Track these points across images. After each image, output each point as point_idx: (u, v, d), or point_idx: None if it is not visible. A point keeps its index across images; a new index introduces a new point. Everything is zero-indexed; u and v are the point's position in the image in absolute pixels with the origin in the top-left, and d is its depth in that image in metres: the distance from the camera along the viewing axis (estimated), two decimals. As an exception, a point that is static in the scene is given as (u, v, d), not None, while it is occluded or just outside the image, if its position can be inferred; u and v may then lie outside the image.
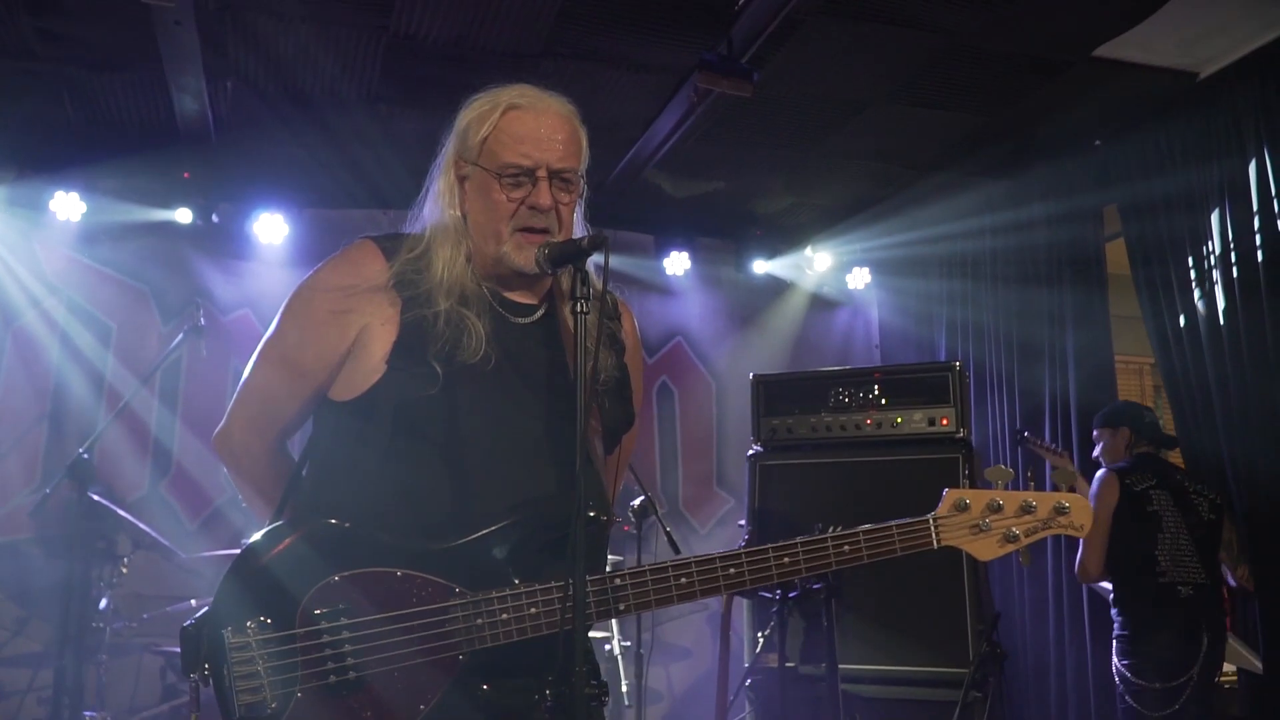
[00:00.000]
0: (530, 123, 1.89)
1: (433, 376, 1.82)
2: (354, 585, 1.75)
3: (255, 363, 1.98)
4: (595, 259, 1.83)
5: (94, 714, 4.34)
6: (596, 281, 1.86)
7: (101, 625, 4.39)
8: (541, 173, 1.88)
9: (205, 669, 1.74)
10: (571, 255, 1.80)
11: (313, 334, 1.92)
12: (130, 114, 5.23)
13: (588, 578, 1.74)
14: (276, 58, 4.65)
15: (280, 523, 1.83)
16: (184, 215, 5.82)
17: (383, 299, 1.88)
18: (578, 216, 2.00)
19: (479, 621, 1.75)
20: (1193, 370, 4.84)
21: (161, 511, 5.61)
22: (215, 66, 4.66)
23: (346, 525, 1.79)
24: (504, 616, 1.75)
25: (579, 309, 1.73)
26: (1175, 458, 5.17)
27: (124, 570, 4.53)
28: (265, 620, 1.73)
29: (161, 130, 5.30)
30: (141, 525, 4.60)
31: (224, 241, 6.02)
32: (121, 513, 4.51)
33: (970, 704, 4.10)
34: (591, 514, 1.77)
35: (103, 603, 4.41)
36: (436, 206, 1.98)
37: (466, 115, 1.95)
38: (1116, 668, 4.28)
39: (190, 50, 4.37)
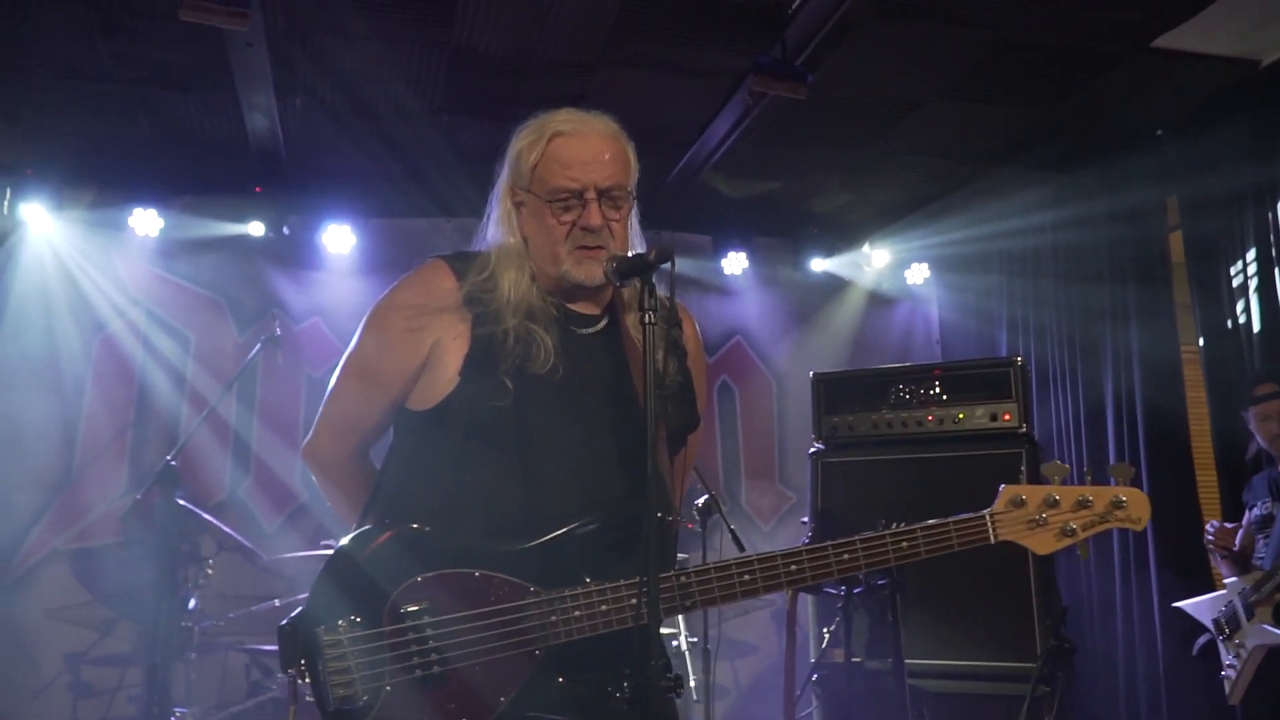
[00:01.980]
0: (575, 148, 1.97)
1: (503, 388, 1.92)
2: (436, 585, 1.85)
3: (338, 377, 2.09)
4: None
5: (183, 710, 4.53)
6: (660, 292, 1.93)
7: (189, 625, 4.57)
8: (590, 194, 1.96)
9: (302, 665, 1.85)
10: (639, 269, 1.88)
11: (389, 349, 2.02)
12: (203, 132, 5.43)
13: (659, 575, 1.82)
14: (343, 74, 4.80)
15: (367, 527, 1.94)
16: (256, 228, 6.03)
17: (454, 316, 1.98)
18: (634, 224, 2.09)
19: (553, 618, 1.83)
20: (1243, 365, 4.79)
21: (242, 515, 5.82)
22: (285, 84, 4.83)
23: (428, 529, 1.89)
24: (577, 614, 1.84)
25: (646, 320, 1.81)
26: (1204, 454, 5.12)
27: (209, 572, 4.71)
28: (355, 619, 1.83)
29: (233, 146, 5.51)
30: (225, 528, 4.78)
31: (294, 252, 6.22)
32: (206, 516, 4.69)
33: (1038, 699, 4.09)
34: (658, 515, 1.84)
35: (191, 603, 4.59)
36: (498, 231, 2.08)
37: (517, 144, 2.04)
38: None
39: (261, 70, 4.54)
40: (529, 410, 1.93)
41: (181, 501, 4.50)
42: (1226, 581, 4.23)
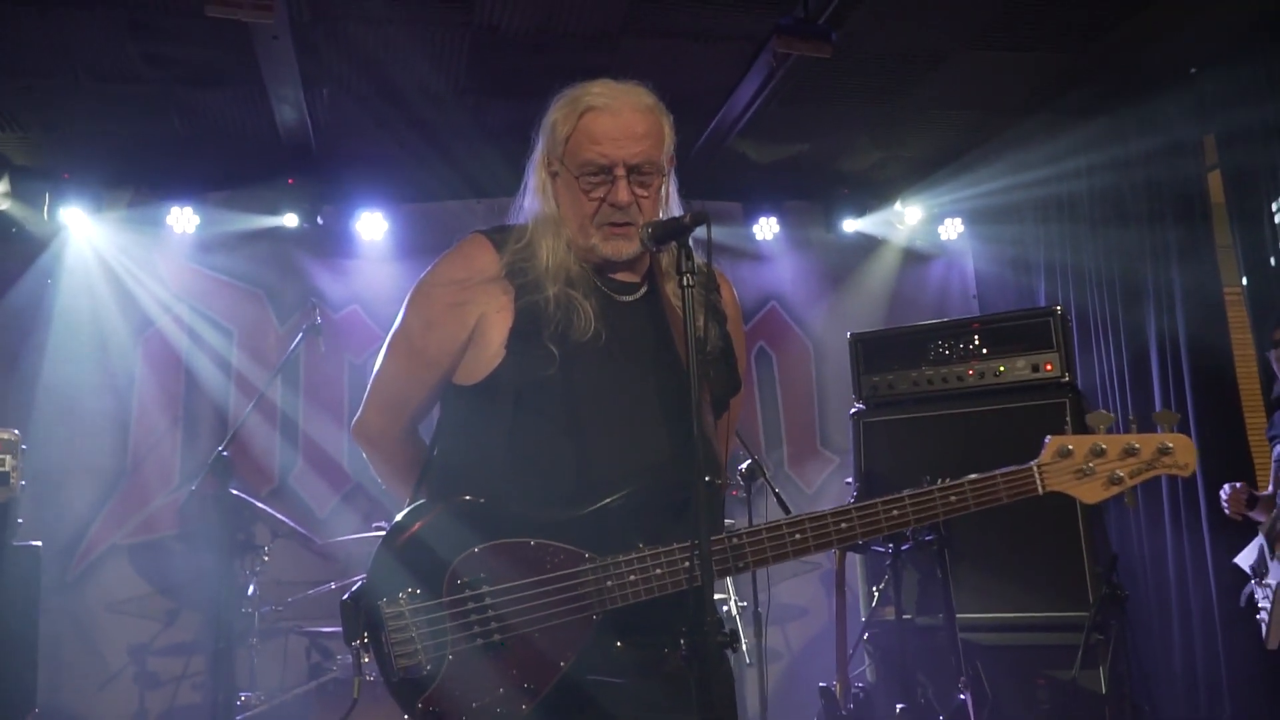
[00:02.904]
0: (606, 123, 1.98)
1: (549, 357, 1.95)
2: (493, 555, 1.88)
3: (385, 355, 2.13)
4: (696, 233, 1.92)
5: (248, 694, 4.64)
6: (698, 255, 1.95)
7: (250, 611, 4.68)
8: (619, 170, 1.97)
9: (364, 638, 1.89)
10: (674, 233, 1.89)
11: (435, 326, 2.05)
12: (234, 126, 5.49)
13: (710, 537, 1.85)
14: (367, 60, 4.83)
15: (422, 501, 1.98)
16: (290, 219, 6.10)
17: (496, 289, 2.01)
18: (673, 193, 2.09)
19: (609, 584, 1.87)
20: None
21: (293, 501, 5.93)
22: (311, 74, 4.87)
23: (482, 500, 1.93)
24: (632, 578, 1.87)
25: (685, 283, 1.83)
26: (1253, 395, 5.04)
27: (265, 559, 4.81)
28: (415, 591, 1.87)
29: (264, 139, 5.56)
30: (279, 515, 4.87)
31: (329, 241, 6.29)
32: (260, 505, 4.78)
33: (1093, 647, 4.10)
34: (707, 479, 1.86)
35: (250, 589, 4.70)
36: (535, 200, 2.09)
37: (552, 114, 2.05)
38: None
39: (287, 61, 4.58)
40: (575, 378, 1.96)
41: (235, 491, 4.60)
42: (1261, 525, 4.19)
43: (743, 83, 5.08)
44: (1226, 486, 4.39)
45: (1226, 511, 4.37)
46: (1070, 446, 2.00)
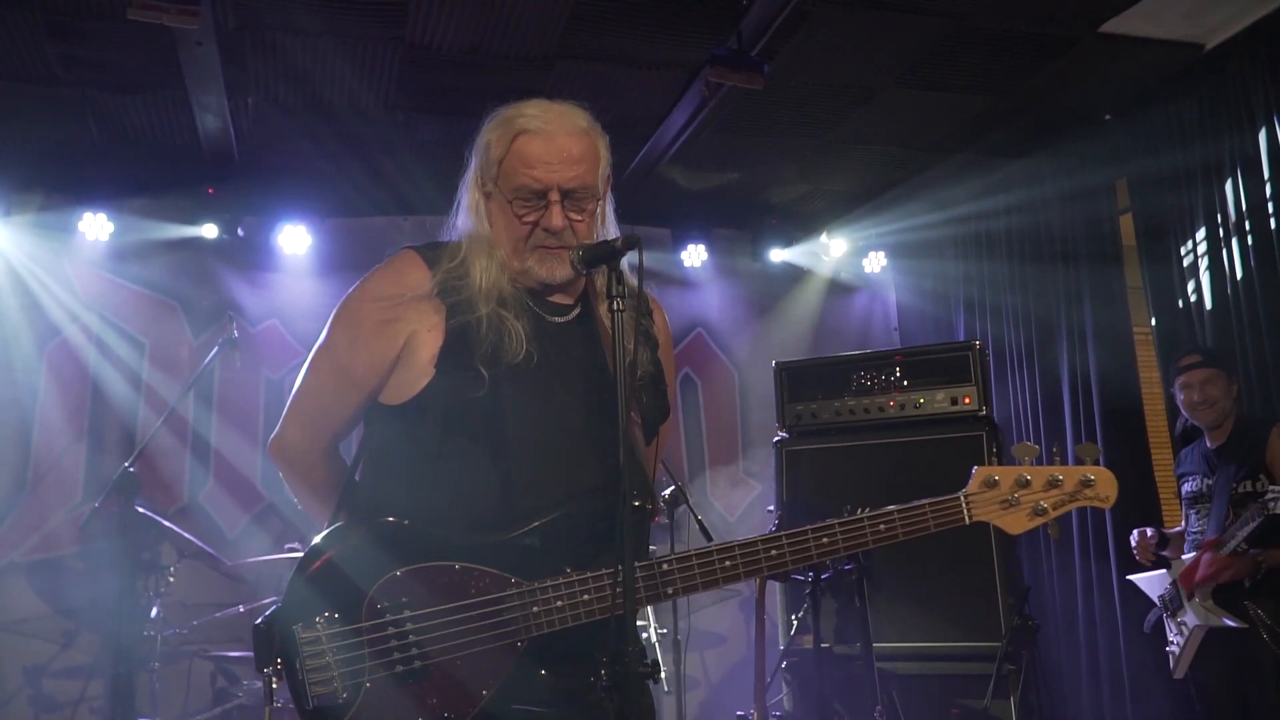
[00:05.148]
0: (539, 147, 1.95)
1: (479, 378, 1.91)
2: (415, 579, 1.83)
3: (307, 371, 2.07)
4: (628, 258, 1.90)
5: (149, 720, 4.47)
6: (630, 279, 1.93)
7: (152, 634, 4.51)
8: (553, 195, 1.95)
9: (278, 664, 1.82)
10: (605, 256, 1.88)
11: (362, 343, 2.00)
12: (153, 133, 5.34)
13: (637, 563, 1.83)
14: (295, 72, 4.74)
15: (342, 523, 1.92)
16: (210, 230, 5.95)
17: (428, 307, 1.97)
18: (609, 214, 2.08)
19: (535, 609, 1.83)
20: (1198, 341, 4.88)
21: (202, 520, 5.74)
22: (236, 83, 4.76)
23: (405, 522, 1.87)
24: (559, 604, 1.83)
25: (614, 307, 1.81)
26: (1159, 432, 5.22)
27: (171, 579, 4.64)
28: (333, 615, 1.81)
29: (185, 148, 5.42)
30: (186, 535, 4.71)
31: (249, 254, 6.14)
32: (166, 523, 4.62)
33: (1004, 676, 4.17)
34: (637, 503, 1.84)
35: (153, 611, 4.53)
36: (468, 219, 2.06)
37: (486, 134, 2.02)
38: None
39: (211, 69, 4.48)
40: (505, 400, 1.92)
41: (141, 509, 4.44)
42: (1172, 561, 4.31)
43: (675, 110, 5.11)
44: (1135, 534, 4.50)
45: (1136, 557, 4.48)
46: (996, 477, 2.02)
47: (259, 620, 1.85)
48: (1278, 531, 3.96)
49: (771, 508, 5.11)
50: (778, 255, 6.99)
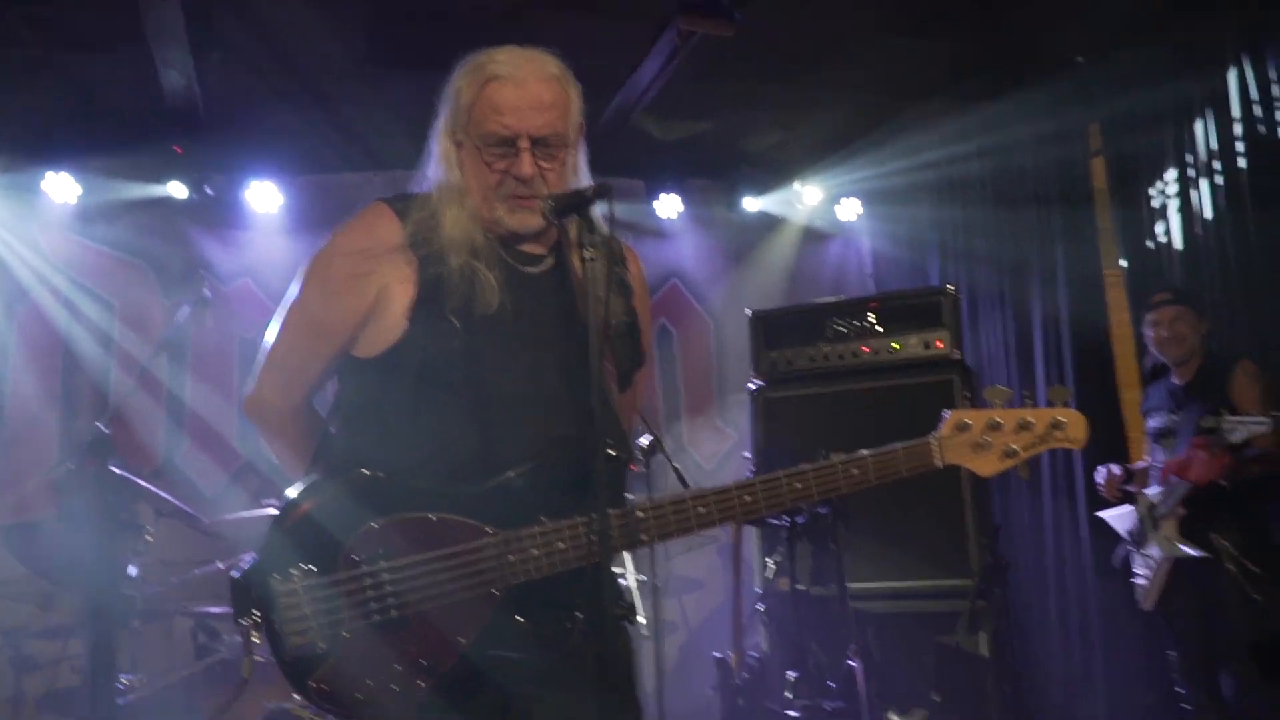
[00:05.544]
0: (510, 94, 1.93)
1: (452, 330, 1.91)
2: (391, 530, 1.85)
3: (279, 327, 2.06)
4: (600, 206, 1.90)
5: (130, 678, 4.48)
6: (603, 228, 1.93)
7: (132, 593, 4.51)
8: (523, 143, 1.94)
9: (255, 615, 1.84)
10: (575, 205, 1.87)
11: (334, 297, 1.99)
12: (118, 92, 5.26)
13: (611, 511, 1.85)
14: (262, 26, 4.67)
15: (318, 476, 1.93)
16: (178, 189, 5.86)
17: (399, 259, 1.96)
18: (581, 165, 2.07)
19: (511, 559, 1.85)
20: (1168, 282, 4.93)
21: (179, 480, 5.73)
22: (201, 40, 4.67)
23: (380, 475, 1.88)
24: (534, 553, 1.85)
25: (585, 256, 1.81)
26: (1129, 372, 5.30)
27: (149, 539, 4.63)
28: (309, 567, 1.83)
29: (150, 106, 5.33)
30: (163, 494, 4.70)
31: (219, 213, 6.07)
32: (142, 483, 4.60)
33: (977, 613, 4.26)
34: (612, 452, 1.85)
35: (132, 571, 4.53)
36: (439, 169, 2.04)
37: (456, 81, 2.00)
38: None
39: (175, 25, 4.40)
40: (479, 351, 1.93)
41: (116, 469, 4.42)
42: (1138, 495, 4.39)
43: (647, 59, 5.07)
44: (1101, 470, 4.58)
45: (1103, 494, 4.56)
46: (968, 421, 2.05)
47: (235, 573, 1.87)
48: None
49: (748, 455, 5.15)
50: (752, 204, 6.98)
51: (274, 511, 1.91)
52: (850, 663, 4.10)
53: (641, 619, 4.95)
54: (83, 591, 5.16)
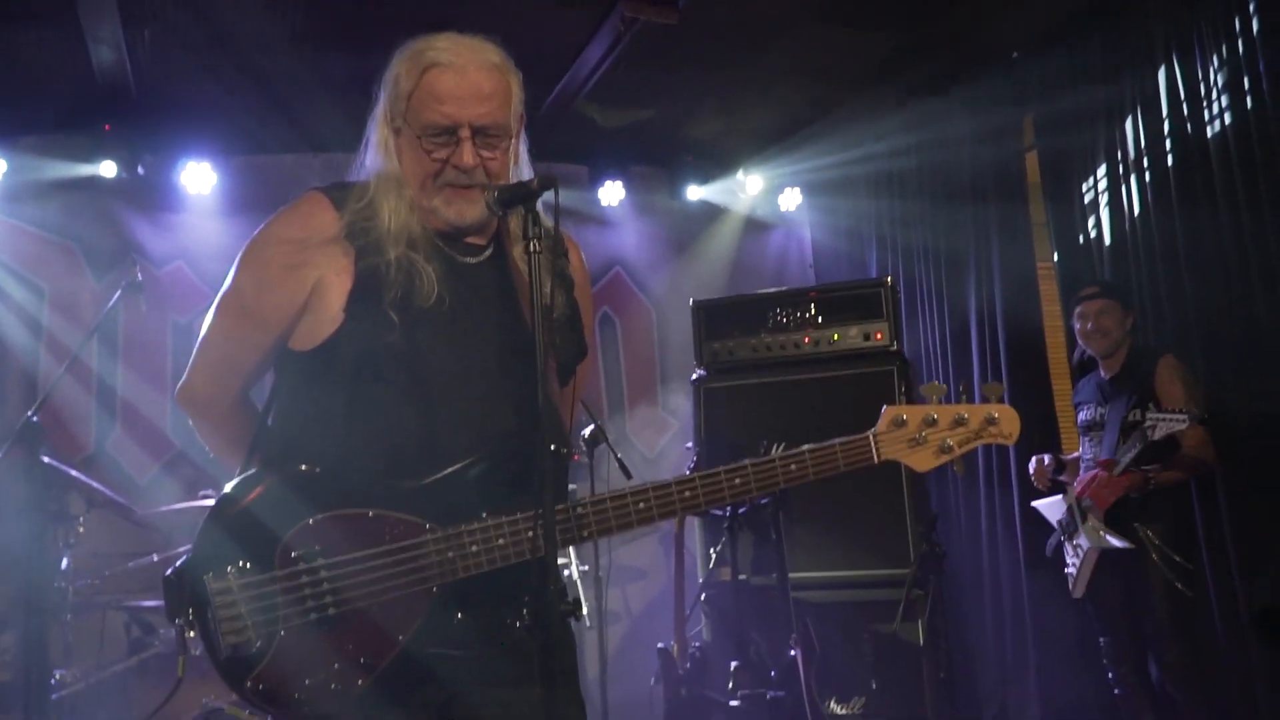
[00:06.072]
0: (449, 82, 1.91)
1: (390, 324, 1.89)
2: (328, 527, 1.83)
3: (213, 317, 2.02)
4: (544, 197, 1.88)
5: (63, 672, 4.39)
6: (546, 220, 1.92)
7: (63, 585, 4.41)
8: (464, 132, 1.91)
9: (190, 614, 1.81)
10: (521, 197, 1.85)
11: (268, 288, 1.96)
12: (45, 67, 5.08)
13: (554, 506, 1.85)
14: (196, 1, 4.55)
15: (254, 471, 1.90)
16: (108, 169, 5.70)
17: (335, 250, 1.93)
18: (523, 154, 2.05)
19: (450, 555, 1.83)
20: (1098, 276, 5.04)
21: (111, 469, 5.60)
22: (132, 14, 4.55)
23: (317, 470, 1.86)
24: (474, 549, 1.84)
25: (532, 249, 1.80)
26: (1060, 364, 5.43)
27: (80, 530, 4.53)
28: (245, 565, 1.80)
29: (79, 83, 5.17)
30: (94, 484, 4.60)
31: (152, 194, 5.91)
32: (73, 473, 4.50)
33: (913, 601, 4.33)
34: (553, 446, 1.85)
35: (63, 563, 4.43)
36: (377, 157, 2.01)
37: (395, 68, 1.97)
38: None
39: (106, -1, 4.27)
40: (417, 344, 1.91)
41: (46, 459, 4.31)
42: (1068, 486, 4.50)
43: (590, 45, 5.04)
44: (1033, 461, 4.68)
45: (1035, 484, 4.66)
46: (904, 416, 2.08)
47: (169, 571, 1.83)
48: (1169, 454, 4.15)
49: (690, 444, 5.18)
50: (695, 193, 6.99)
51: (208, 503, 1.88)
52: (791, 652, 4.15)
53: (584, 610, 4.97)
54: (13, 584, 5.04)
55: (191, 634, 1.81)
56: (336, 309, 1.91)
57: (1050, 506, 4.62)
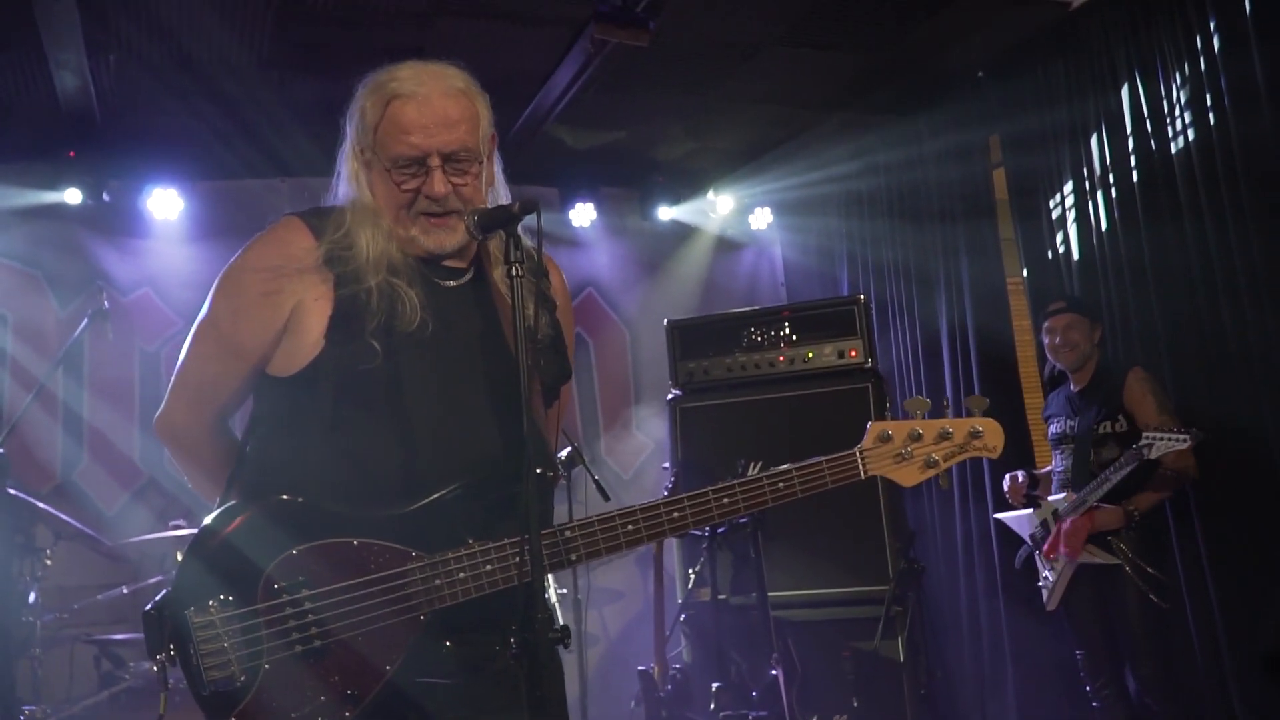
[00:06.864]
0: (414, 112, 1.89)
1: (371, 351, 1.87)
2: (312, 557, 1.80)
3: (191, 345, 1.99)
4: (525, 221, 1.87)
5: (32, 708, 4.30)
6: (526, 243, 1.91)
7: (31, 619, 4.33)
8: (433, 160, 1.89)
9: (171, 650, 1.77)
10: (502, 221, 1.84)
11: (245, 315, 1.93)
12: (8, 94, 5.03)
13: (541, 531, 1.83)
14: (161, 26, 4.51)
15: (234, 502, 1.87)
16: (73, 195, 5.63)
17: (314, 277, 1.91)
18: (498, 174, 2.04)
19: (437, 582, 1.81)
20: (1067, 291, 5.10)
21: (79, 499, 5.50)
22: (96, 39, 4.50)
23: (300, 500, 1.83)
24: (461, 575, 1.82)
25: (514, 273, 1.78)
26: (1031, 378, 5.48)
27: (48, 562, 4.45)
28: (227, 598, 1.77)
29: (43, 109, 5.12)
30: (62, 516, 4.52)
31: (117, 220, 5.85)
32: (41, 505, 4.42)
33: (892, 618, 4.34)
34: (539, 470, 1.83)
35: (31, 597, 4.34)
36: (349, 189, 1.99)
37: (359, 100, 1.96)
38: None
39: (69, 24, 4.23)
40: (400, 370, 1.89)
41: (12, 490, 4.23)
42: (1041, 500, 4.52)
43: (560, 68, 5.05)
44: (1006, 478, 4.70)
45: (1009, 500, 4.68)
46: (890, 432, 2.08)
47: (149, 606, 1.79)
48: (1145, 476, 4.18)
49: (667, 465, 5.17)
50: (666, 213, 7.02)
51: (181, 532, 1.84)
52: (772, 671, 4.13)
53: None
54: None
55: (172, 670, 1.78)
56: (317, 334, 1.89)
57: (1018, 520, 4.64)
